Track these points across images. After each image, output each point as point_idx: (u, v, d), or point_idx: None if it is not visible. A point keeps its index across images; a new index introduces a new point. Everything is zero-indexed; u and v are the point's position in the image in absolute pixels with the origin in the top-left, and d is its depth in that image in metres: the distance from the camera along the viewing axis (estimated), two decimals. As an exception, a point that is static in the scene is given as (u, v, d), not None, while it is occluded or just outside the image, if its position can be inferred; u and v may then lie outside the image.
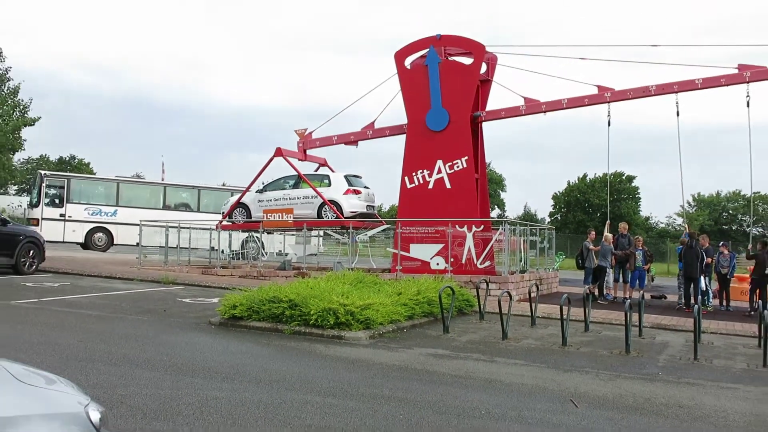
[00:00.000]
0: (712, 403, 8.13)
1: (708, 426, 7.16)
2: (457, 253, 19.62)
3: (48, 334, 10.40)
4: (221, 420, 6.41)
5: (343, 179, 22.90)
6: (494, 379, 8.90)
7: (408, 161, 20.83)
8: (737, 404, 8.12)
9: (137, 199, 32.02)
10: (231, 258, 26.73)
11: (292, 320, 11.75)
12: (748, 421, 7.40)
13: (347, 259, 22.26)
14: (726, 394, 8.60)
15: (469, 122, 20.37)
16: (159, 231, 25.07)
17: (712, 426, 7.17)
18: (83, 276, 19.98)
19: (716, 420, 7.40)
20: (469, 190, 20.05)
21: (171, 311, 13.76)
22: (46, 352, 8.93)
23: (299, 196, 22.83)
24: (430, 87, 20.41)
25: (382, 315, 12.16)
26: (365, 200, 22.95)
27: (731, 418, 7.48)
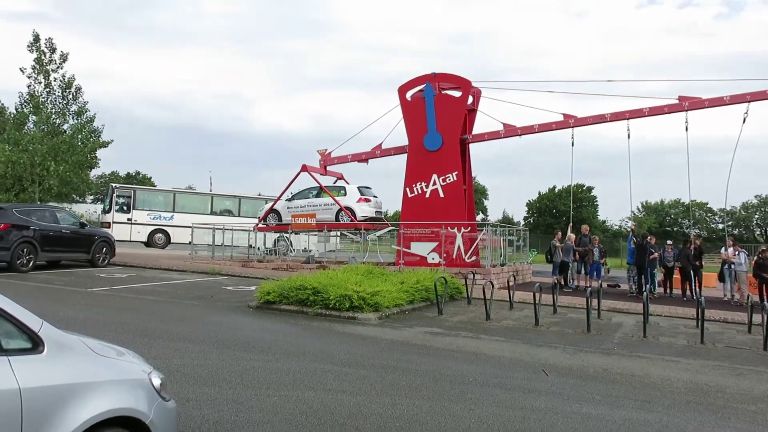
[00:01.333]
0: (659, 373, 8.07)
1: (656, 391, 7.11)
2: (449, 250, 19.59)
3: (118, 316, 10.42)
4: (258, 385, 6.39)
5: (356, 190, 22.88)
6: (480, 352, 8.86)
7: (409, 175, 20.82)
8: (680, 374, 8.07)
9: (189, 206, 32.02)
10: (265, 254, 26.70)
11: (315, 304, 11.74)
12: (688, 388, 7.35)
13: (360, 255, 22.22)
14: (670, 366, 8.55)
15: (459, 143, 20.36)
16: (207, 232, 25.06)
17: (659, 391, 7.12)
18: (146, 268, 20.00)
19: (662, 386, 7.35)
20: (458, 198, 20.03)
21: (217, 297, 13.76)
22: (117, 330, 8.94)
23: (321, 203, 22.79)
24: (427, 115, 20.40)
25: (388, 300, 12.13)
26: (374, 207, 22.91)
27: (675, 386, 7.43)
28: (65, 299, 12.17)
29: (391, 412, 5.76)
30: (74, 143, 26.85)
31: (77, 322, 9.13)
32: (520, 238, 23.58)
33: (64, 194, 28.71)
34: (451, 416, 5.73)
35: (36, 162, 25.68)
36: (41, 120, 26.32)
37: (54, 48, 26.68)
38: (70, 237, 18.28)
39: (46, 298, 12.04)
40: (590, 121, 19.52)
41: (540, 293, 12.27)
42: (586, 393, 6.84)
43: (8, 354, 2.91)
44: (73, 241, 18.40)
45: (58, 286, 14.36)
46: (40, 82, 26.46)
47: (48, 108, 26.64)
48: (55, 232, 17.70)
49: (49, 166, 25.69)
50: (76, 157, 26.88)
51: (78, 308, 11.00)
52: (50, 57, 26.61)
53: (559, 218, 74.78)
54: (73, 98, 27.18)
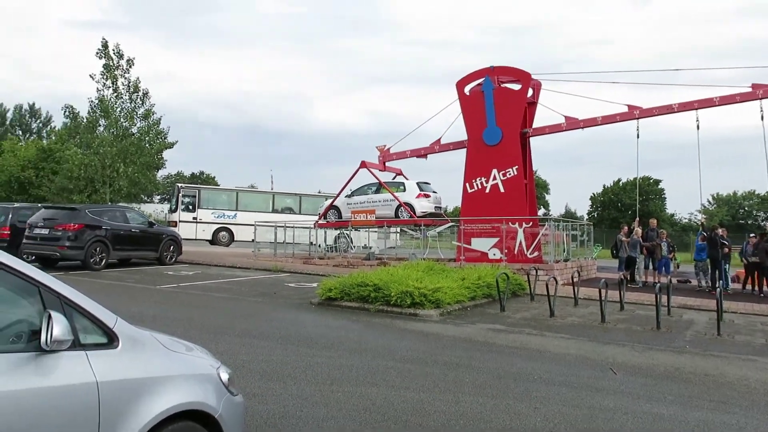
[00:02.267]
0: (735, 372, 7.74)
1: (732, 392, 6.82)
2: (510, 245, 19.33)
3: (185, 312, 10.73)
4: (322, 380, 6.47)
5: (415, 185, 22.81)
6: (544, 349, 8.71)
7: (468, 170, 20.64)
8: (758, 374, 7.71)
9: (252, 205, 32.66)
10: (326, 251, 26.95)
11: (376, 301, 11.78)
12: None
13: (420, 251, 22.18)
14: (748, 365, 8.18)
15: (519, 137, 20.03)
16: (269, 230, 25.48)
17: (736, 392, 6.82)
18: (211, 266, 20.52)
19: (739, 387, 7.04)
20: (519, 193, 19.73)
21: (280, 294, 13.99)
22: (185, 325, 9.20)
23: (380, 199, 22.83)
24: (486, 109, 20.16)
25: (449, 296, 12.07)
26: (434, 202, 22.79)
27: (753, 386, 7.10)
28: (136, 296, 12.62)
29: (455, 409, 5.72)
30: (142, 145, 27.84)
31: (148, 318, 9.45)
32: (584, 232, 23.06)
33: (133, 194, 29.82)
34: (516, 414, 5.65)
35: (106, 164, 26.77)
36: (111, 124, 27.39)
37: (121, 54, 27.70)
38: (140, 236, 18.95)
39: (117, 295, 12.52)
40: (656, 112, 18.88)
41: (606, 289, 11.96)
42: (656, 392, 6.63)
43: (86, 348, 3.02)
44: (142, 239, 19.07)
45: (129, 283, 14.92)
46: (109, 87, 27.53)
47: (117, 112, 27.71)
48: (125, 232, 18.39)
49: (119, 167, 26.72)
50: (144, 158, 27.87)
51: (148, 305, 11.39)
52: (118, 62, 27.63)
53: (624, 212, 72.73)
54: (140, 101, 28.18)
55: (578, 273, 15.27)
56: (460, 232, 20.50)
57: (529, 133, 20.57)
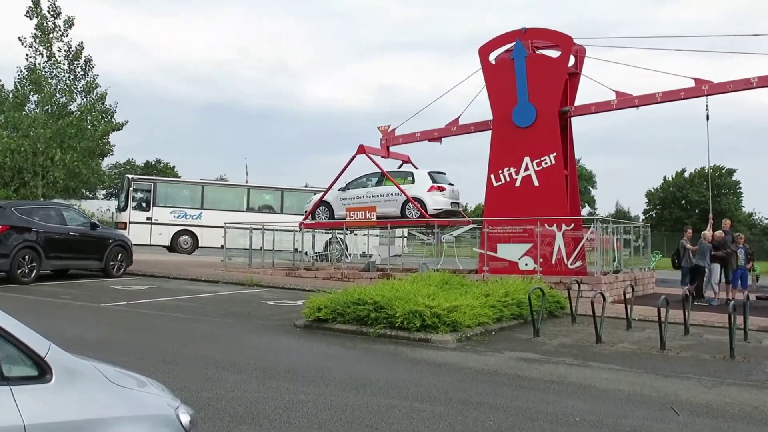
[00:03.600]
0: (828, 412, 7.72)
1: (824, 437, 6.81)
2: (546, 253, 19.35)
3: (137, 336, 10.74)
4: (307, 424, 6.47)
5: (426, 176, 22.84)
6: (588, 384, 8.71)
7: (494, 159, 20.67)
8: None
9: (221, 202, 32.74)
10: (314, 260, 27.03)
11: (377, 323, 11.79)
12: None
13: (432, 260, 22.20)
14: (844, 404, 8.16)
15: (558, 117, 20.06)
16: (243, 233, 25.55)
17: (829, 437, 6.82)
18: (170, 279, 20.56)
19: (834, 431, 7.03)
20: (558, 187, 19.76)
21: (256, 313, 14.01)
22: (136, 353, 9.20)
23: (382, 193, 22.84)
24: (517, 81, 20.18)
25: (469, 317, 12.08)
26: (450, 197, 22.81)
27: None
28: (74, 316, 12.62)
29: (476, 459, 5.72)
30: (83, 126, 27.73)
31: (89, 344, 9.44)
32: (640, 237, 23.06)
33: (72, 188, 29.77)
34: (553, 466, 5.65)
35: (38, 150, 26.67)
36: (44, 99, 27.30)
37: (58, 12, 27.63)
38: (80, 241, 18.98)
39: (51, 315, 12.51)
40: (731, 87, 18.85)
41: (667, 308, 11.94)
42: (730, 439, 6.62)
43: (10, 383, 2.99)
44: (82, 245, 19.10)
45: (66, 300, 14.92)
46: (42, 54, 27.45)
47: (52, 84, 27.66)
48: (61, 235, 18.41)
49: (54, 154, 26.57)
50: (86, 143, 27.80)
51: (89, 327, 11.39)
52: (54, 23, 27.55)
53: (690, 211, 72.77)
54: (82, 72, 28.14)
55: (632, 288, 15.24)
56: (483, 237, 20.54)
57: (571, 111, 20.59)
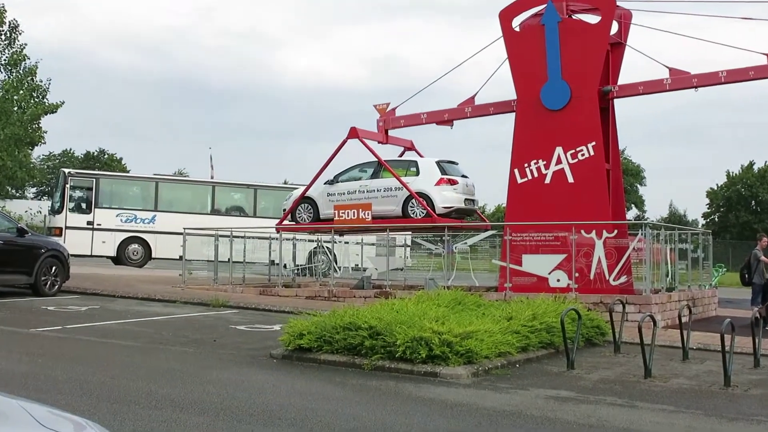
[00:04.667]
0: None
1: None
2: (583, 266, 19.33)
3: (75, 370, 10.69)
4: (287, 478, 6.45)
5: (434, 166, 22.81)
6: (635, 429, 8.70)
7: (518, 149, 20.68)
8: None
9: (180, 202, 32.71)
10: (295, 274, 26.99)
11: (373, 352, 11.76)
12: None
13: (442, 275, 22.21)
14: None
15: (597, 98, 20.08)
16: (207, 241, 25.51)
17: None
18: (115, 298, 20.50)
19: None
20: (597, 184, 19.78)
21: (223, 341, 13.97)
22: (74, 391, 9.16)
23: (379, 188, 22.81)
24: (547, 53, 20.18)
25: (487, 346, 12.05)
26: (463, 192, 22.81)
27: None
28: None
29: None
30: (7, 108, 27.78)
31: (16, 379, 9.42)
32: (699, 246, 23.05)
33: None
34: None
35: (-48, 138, 26.72)
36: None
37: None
38: (3, 250, 18.89)
39: (-30, 343, 12.47)
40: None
41: (732, 335, 11.93)
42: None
43: None
44: (6, 256, 18.99)
45: (-12, 324, 14.87)
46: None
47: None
48: (-20, 244, 18.37)
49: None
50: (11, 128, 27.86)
51: (16, 358, 11.34)
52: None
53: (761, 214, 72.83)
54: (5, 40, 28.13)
55: (689, 309, 15.22)
56: (505, 245, 20.52)
57: (614, 91, 20.61)
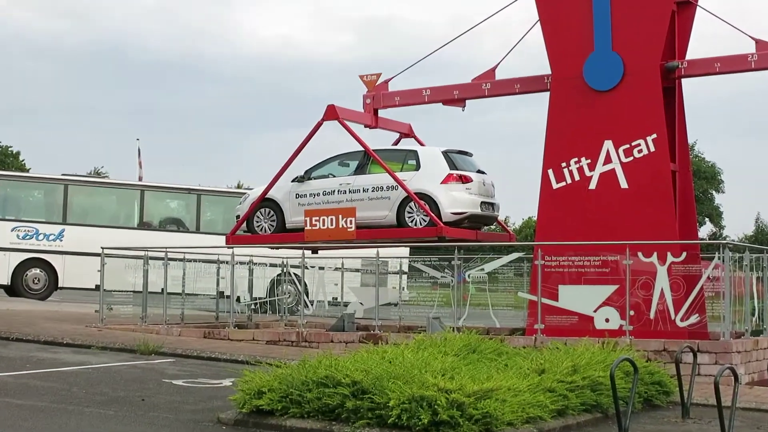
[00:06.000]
0: None
1: None
2: (640, 301, 19.32)
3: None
4: None
5: (440, 157, 22.70)
6: None
7: (553, 143, 20.77)
8: None
9: (97, 213, 32.65)
10: (252, 310, 26.91)
11: (357, 417, 11.74)
12: None
13: (450, 312, 22.15)
14: None
15: (660, 76, 20.15)
16: (133, 265, 25.45)
17: None
18: (9, 341, 20.41)
19: None
20: (659, 191, 19.83)
21: (154, 401, 13.91)
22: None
23: (366, 186, 22.62)
24: (594, 16, 20.27)
25: (511, 408, 12.04)
26: (479, 193, 22.61)
27: None
28: None
29: None
30: None
31: None
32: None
33: None
34: None
35: None
36: None
37: None
38: None
39: None
40: None
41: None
42: None
43: None
44: None
45: None
46: None
47: None
48: None
49: None
50: None
51: None
52: None
53: None
54: None
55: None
56: (535, 272, 20.49)
57: (682, 68, 20.59)
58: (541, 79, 21.63)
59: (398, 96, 23.85)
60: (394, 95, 23.90)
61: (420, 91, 23.63)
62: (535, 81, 21.98)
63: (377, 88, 23.85)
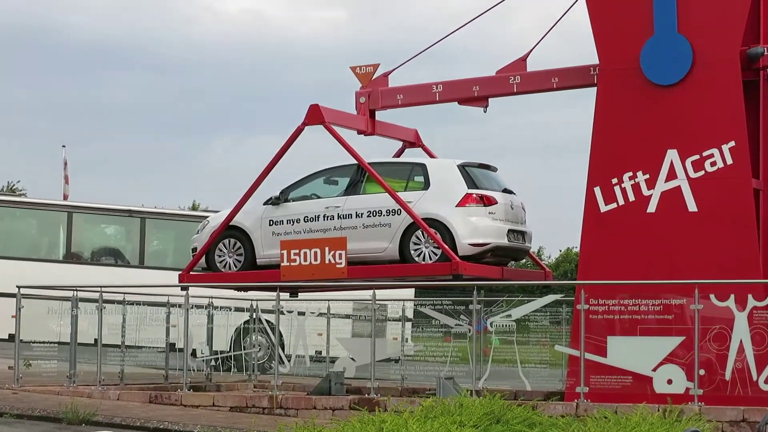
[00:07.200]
0: None
1: None
2: (713, 358, 19.36)
3: None
4: None
5: (456, 173, 22.54)
6: None
7: (600, 153, 20.84)
8: None
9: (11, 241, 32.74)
10: (212, 368, 26.95)
11: None
12: None
13: (467, 371, 22.20)
14: None
15: (739, 68, 20.26)
16: (58, 309, 25.49)
17: None
18: None
19: None
20: (739, 215, 19.89)
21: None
22: None
23: (360, 210, 22.49)
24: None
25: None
26: (505, 219, 22.49)
27: None
28: None
29: None
30: None
31: None
32: None
33: None
34: None
35: None
36: None
37: None
38: None
39: None
40: None
41: None
42: None
43: None
44: None
45: None
46: None
47: None
48: None
49: None
50: None
51: None
52: None
53: None
54: None
55: None
56: (577, 319, 20.52)
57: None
58: (587, 71, 21.71)
59: (401, 93, 23.77)
60: (395, 92, 23.83)
61: (429, 87, 23.63)
62: (578, 73, 22.07)
63: (374, 84, 23.79)
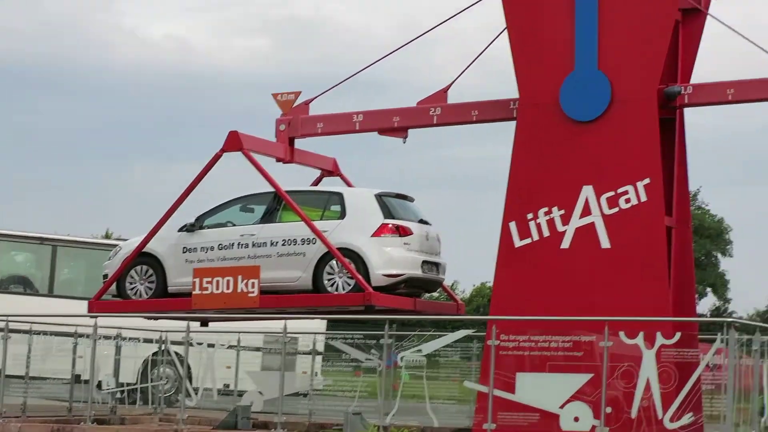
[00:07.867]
0: None
1: None
2: (620, 395, 19.35)
3: None
4: None
5: (372, 202, 22.65)
6: None
7: (517, 187, 20.87)
8: None
9: None
10: (118, 399, 26.69)
11: None
12: None
13: (375, 406, 22.13)
14: None
15: (657, 105, 20.31)
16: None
17: None
18: None
19: None
20: (651, 252, 19.96)
21: None
22: None
23: (274, 239, 22.53)
24: (576, 25, 20.49)
25: None
26: (420, 250, 22.62)
27: None
28: None
29: None
30: None
31: None
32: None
33: None
34: None
35: None
36: None
37: None
38: None
39: None
40: None
41: None
42: None
43: None
44: None
45: None
46: None
47: None
48: None
49: None
50: None
51: None
52: None
53: None
54: None
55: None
56: (487, 355, 20.49)
57: (685, 94, 20.74)
58: (506, 105, 21.74)
59: (321, 122, 23.76)
60: (315, 120, 23.83)
61: (350, 116, 23.67)
62: (498, 106, 22.10)
63: (294, 111, 23.78)
